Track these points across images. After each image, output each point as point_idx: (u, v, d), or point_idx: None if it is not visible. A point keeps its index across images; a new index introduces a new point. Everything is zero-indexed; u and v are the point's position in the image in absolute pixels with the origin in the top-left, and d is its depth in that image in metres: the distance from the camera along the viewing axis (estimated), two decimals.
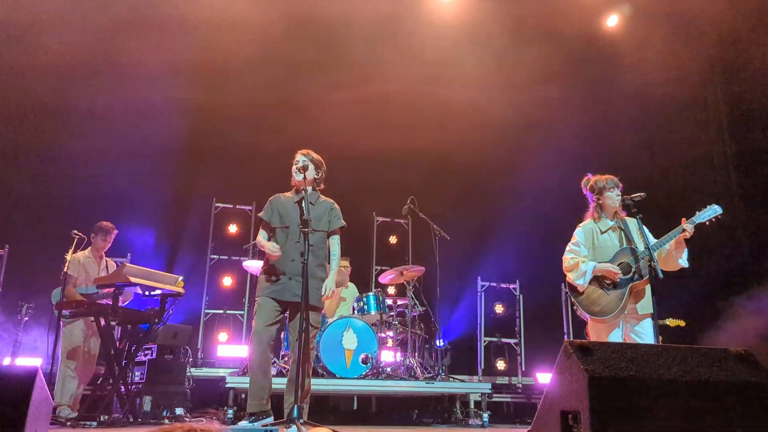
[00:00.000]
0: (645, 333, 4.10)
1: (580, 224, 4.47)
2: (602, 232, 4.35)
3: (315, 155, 4.58)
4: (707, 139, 9.40)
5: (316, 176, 4.55)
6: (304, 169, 4.47)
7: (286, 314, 4.53)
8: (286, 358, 6.12)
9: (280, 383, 4.49)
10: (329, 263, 4.57)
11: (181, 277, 5.54)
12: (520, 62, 8.96)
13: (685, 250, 4.18)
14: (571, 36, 9.12)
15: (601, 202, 4.37)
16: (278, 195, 4.62)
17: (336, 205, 4.64)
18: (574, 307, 4.32)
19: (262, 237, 4.50)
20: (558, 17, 8.88)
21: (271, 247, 4.26)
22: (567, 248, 4.41)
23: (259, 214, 4.61)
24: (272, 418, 4.15)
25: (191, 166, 8.63)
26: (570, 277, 4.31)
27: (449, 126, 9.20)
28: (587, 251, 4.33)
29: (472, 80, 9.14)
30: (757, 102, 8.20)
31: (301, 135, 8.31)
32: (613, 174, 4.41)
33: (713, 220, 4.14)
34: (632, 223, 4.29)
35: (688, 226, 4.05)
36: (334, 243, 4.54)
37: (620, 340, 4.14)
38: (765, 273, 7.49)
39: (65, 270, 5.58)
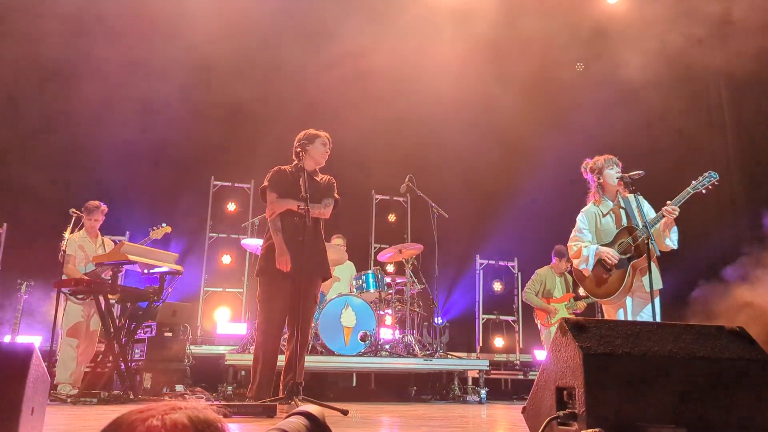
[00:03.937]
0: (647, 317, 4.05)
1: (583, 209, 4.44)
2: (604, 215, 4.33)
3: None
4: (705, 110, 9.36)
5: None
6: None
7: None
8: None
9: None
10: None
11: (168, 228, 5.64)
12: (514, 37, 8.84)
13: (675, 230, 4.10)
14: (569, 10, 8.99)
15: (601, 181, 4.35)
16: (281, 168, 4.51)
17: (333, 179, 4.61)
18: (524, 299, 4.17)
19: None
20: None
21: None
22: (571, 235, 4.40)
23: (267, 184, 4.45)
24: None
25: (189, 144, 8.57)
26: (575, 263, 4.32)
27: (446, 104, 9.11)
28: (591, 235, 4.32)
29: (469, 56, 9.03)
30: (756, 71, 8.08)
31: (299, 113, 8.26)
32: (612, 153, 4.38)
33: (710, 186, 4.01)
34: (633, 201, 4.26)
35: (669, 208, 3.96)
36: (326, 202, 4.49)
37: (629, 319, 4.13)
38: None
39: (63, 249, 5.57)
